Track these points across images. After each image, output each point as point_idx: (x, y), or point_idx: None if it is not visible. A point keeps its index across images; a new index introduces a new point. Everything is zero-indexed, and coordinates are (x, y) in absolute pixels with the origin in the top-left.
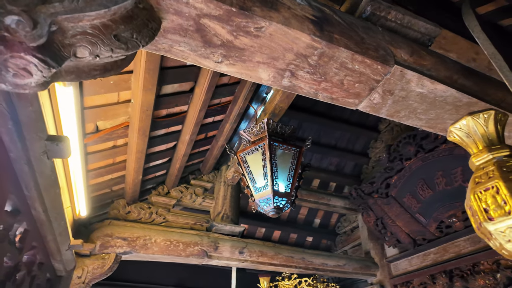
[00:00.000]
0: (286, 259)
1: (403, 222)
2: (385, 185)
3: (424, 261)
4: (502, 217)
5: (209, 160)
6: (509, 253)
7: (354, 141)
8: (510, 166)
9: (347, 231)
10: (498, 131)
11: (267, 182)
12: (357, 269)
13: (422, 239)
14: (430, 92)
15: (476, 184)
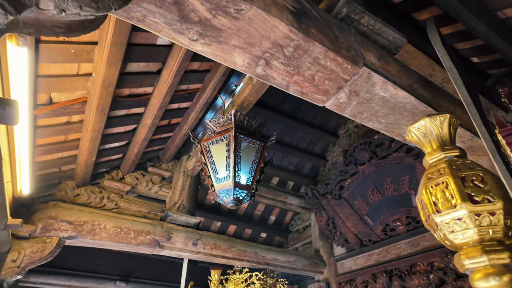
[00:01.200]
0: (239, 252)
1: (352, 223)
2: (339, 187)
3: (368, 261)
4: (449, 210)
5: (170, 148)
6: (451, 243)
7: (314, 143)
8: (459, 164)
9: (299, 229)
10: (451, 133)
11: (229, 173)
12: (306, 266)
13: (368, 240)
14: (392, 97)
15: (428, 180)
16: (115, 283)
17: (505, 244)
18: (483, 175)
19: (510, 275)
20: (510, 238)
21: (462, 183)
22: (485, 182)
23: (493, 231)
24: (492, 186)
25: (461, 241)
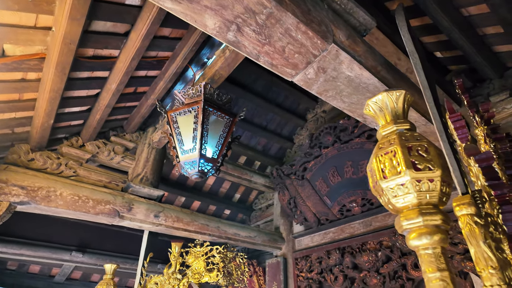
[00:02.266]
0: (202, 226)
1: (312, 203)
2: (302, 169)
3: (323, 238)
4: (394, 176)
5: (135, 118)
6: (393, 206)
7: (283, 125)
8: (408, 136)
9: (262, 208)
10: (405, 109)
11: (195, 146)
12: (266, 242)
13: (325, 219)
14: (356, 77)
15: (379, 149)
16: (71, 253)
17: (439, 208)
18: (427, 146)
19: (440, 234)
20: (443, 203)
21: (408, 152)
22: (428, 152)
23: (430, 196)
24: (434, 156)
25: (402, 204)
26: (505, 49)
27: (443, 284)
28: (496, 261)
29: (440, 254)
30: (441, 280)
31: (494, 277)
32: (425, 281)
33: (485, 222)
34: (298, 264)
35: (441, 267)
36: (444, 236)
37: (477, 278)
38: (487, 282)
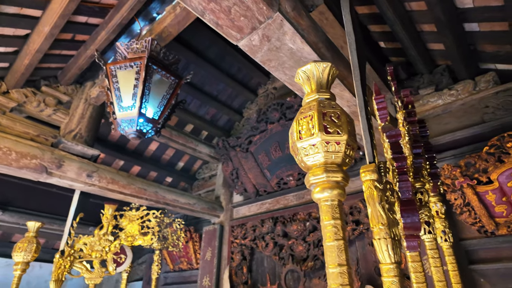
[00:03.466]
0: (139, 190)
1: (253, 175)
2: (248, 142)
3: (260, 208)
4: (308, 137)
5: (72, 69)
6: (305, 164)
7: (233, 97)
8: (325, 104)
9: (205, 177)
10: (329, 80)
11: (135, 103)
12: (205, 209)
13: (264, 191)
14: (298, 51)
15: (300, 114)
16: None
17: (341, 168)
18: (339, 114)
19: (339, 190)
20: (346, 164)
21: (323, 117)
22: (339, 119)
23: (335, 157)
24: (343, 122)
25: (312, 162)
26: (436, 47)
27: (335, 230)
28: (386, 219)
29: (336, 205)
30: (333, 226)
31: (382, 231)
32: (322, 228)
33: (383, 188)
34: (234, 232)
35: (335, 216)
36: (342, 192)
37: None
38: (377, 236)
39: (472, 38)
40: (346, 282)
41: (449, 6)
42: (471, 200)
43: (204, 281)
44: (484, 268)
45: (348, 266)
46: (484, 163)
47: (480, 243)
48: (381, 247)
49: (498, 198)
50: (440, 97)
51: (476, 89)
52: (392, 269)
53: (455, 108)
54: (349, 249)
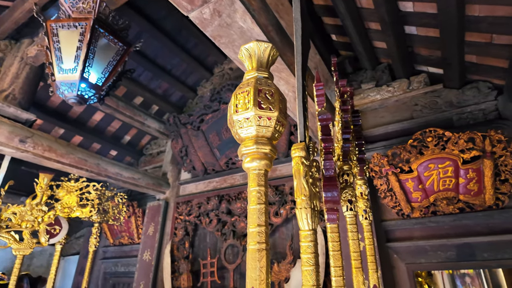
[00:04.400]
0: (79, 161)
1: (202, 154)
2: (199, 120)
3: (207, 186)
4: (243, 111)
5: (6, 23)
6: (239, 136)
7: (188, 74)
8: (262, 81)
9: (153, 153)
10: (268, 60)
11: (77, 66)
12: (150, 185)
13: (212, 170)
14: (248, 30)
15: (239, 89)
16: None
17: (271, 141)
18: (273, 92)
19: (267, 161)
20: (275, 138)
21: (258, 94)
22: (273, 96)
23: (266, 131)
24: (276, 100)
25: (245, 135)
26: (380, 46)
27: (258, 195)
28: (308, 191)
29: (262, 174)
30: (258, 192)
31: (304, 202)
32: (248, 193)
33: (309, 164)
34: (179, 208)
35: (260, 183)
36: (269, 163)
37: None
38: (299, 206)
39: (411, 41)
40: (263, 241)
41: (393, 8)
42: (394, 186)
43: (145, 255)
44: (398, 246)
45: (266, 227)
46: (408, 154)
47: (397, 224)
48: (302, 215)
49: (416, 185)
50: (379, 92)
51: (410, 88)
52: (309, 235)
53: (390, 104)
54: (286, 226)
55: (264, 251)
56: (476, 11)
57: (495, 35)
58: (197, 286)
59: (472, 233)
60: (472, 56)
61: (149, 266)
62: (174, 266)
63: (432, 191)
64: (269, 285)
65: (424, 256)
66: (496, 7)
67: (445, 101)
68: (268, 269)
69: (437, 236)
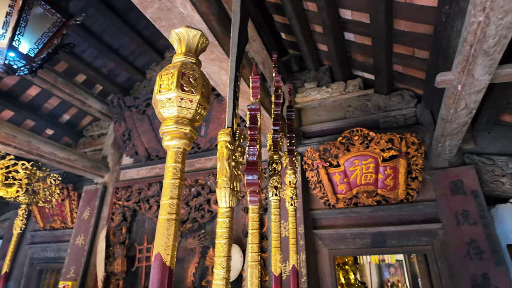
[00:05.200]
0: (6, 136)
1: (146, 139)
2: (146, 104)
3: (149, 172)
4: (166, 92)
5: None
6: (161, 115)
7: (137, 55)
8: (188, 66)
9: (94, 136)
10: (198, 47)
11: (5, 33)
12: (87, 168)
13: (156, 156)
14: (188, 17)
15: (164, 70)
16: None
17: (191, 122)
18: (197, 76)
19: (186, 140)
20: (196, 120)
21: (181, 77)
22: (196, 81)
23: (187, 112)
24: (199, 84)
25: (167, 114)
26: (323, 48)
27: (174, 171)
28: (229, 173)
29: (181, 152)
30: (174, 168)
31: (224, 182)
32: (165, 169)
33: (233, 149)
34: (118, 193)
35: (177, 161)
36: (188, 142)
37: None
38: (219, 185)
39: (349, 46)
40: (174, 212)
41: (334, 14)
42: (323, 178)
43: (78, 240)
44: (323, 233)
45: (178, 200)
46: (337, 150)
47: (324, 213)
48: (221, 194)
49: (341, 178)
50: (319, 92)
51: (346, 90)
52: (226, 212)
53: (328, 104)
54: None
55: (173, 221)
56: (402, 25)
57: (416, 49)
58: (131, 270)
59: (385, 223)
60: (398, 66)
61: (82, 251)
62: (109, 251)
63: (355, 184)
64: (175, 251)
65: (344, 242)
66: (417, 24)
67: (374, 104)
68: (176, 237)
69: (357, 225)
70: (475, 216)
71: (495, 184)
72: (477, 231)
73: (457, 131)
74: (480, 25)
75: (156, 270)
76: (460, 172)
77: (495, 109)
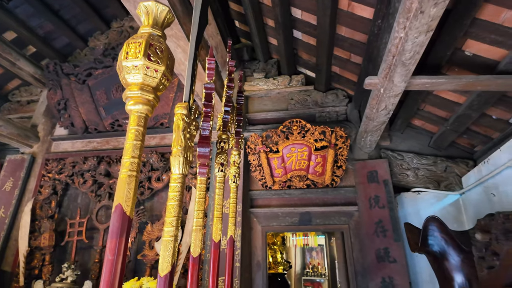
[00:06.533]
0: None
1: (85, 110)
2: (87, 73)
3: (86, 146)
4: (133, 59)
5: None
6: (126, 81)
7: (80, 20)
8: (155, 38)
9: (22, 102)
10: (164, 22)
11: None
12: (14, 135)
13: (94, 129)
14: None
15: (132, 39)
16: None
17: (155, 91)
18: (163, 49)
19: (148, 107)
20: (159, 90)
21: (149, 47)
22: (162, 53)
23: (151, 81)
24: (164, 57)
25: (132, 80)
26: (273, 42)
27: (136, 133)
28: (183, 143)
29: (143, 117)
30: (136, 131)
31: (178, 151)
32: (127, 132)
33: (189, 122)
34: (48, 165)
35: (140, 124)
36: (150, 109)
37: (195, 191)
38: (174, 154)
39: (297, 44)
40: (134, 169)
41: (286, 10)
42: (263, 162)
43: None
44: (258, 211)
45: (139, 159)
46: (277, 137)
47: (261, 194)
48: (175, 162)
49: (279, 163)
50: (266, 83)
51: (290, 84)
52: (179, 178)
53: (273, 95)
54: (166, 191)
55: (133, 177)
56: (343, 31)
57: (353, 54)
58: (60, 245)
59: (312, 204)
60: (336, 68)
61: (2, 224)
62: (34, 225)
63: (290, 169)
64: (134, 204)
65: (276, 220)
66: (355, 32)
67: (313, 100)
68: (135, 192)
69: (288, 205)
70: (384, 201)
71: (401, 175)
72: (384, 213)
73: (377, 128)
74: (401, 40)
75: (116, 219)
76: (376, 164)
77: (408, 113)
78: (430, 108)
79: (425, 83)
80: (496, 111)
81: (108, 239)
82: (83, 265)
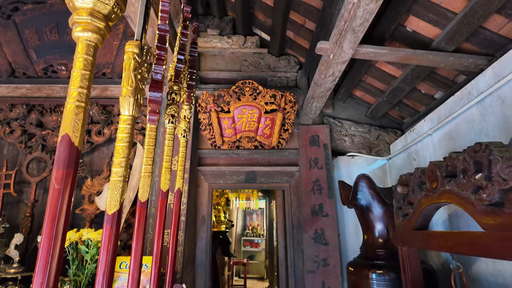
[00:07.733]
0: None
1: (11, 51)
2: (13, 8)
3: (12, 92)
4: None
5: None
6: (74, 5)
7: None
8: None
9: None
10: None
11: None
12: None
13: (23, 73)
14: None
15: None
16: None
17: (106, 20)
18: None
19: (99, 36)
20: (111, 19)
21: None
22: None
23: (103, 7)
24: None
25: (80, 4)
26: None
27: (85, 62)
28: (135, 84)
29: (92, 46)
30: (85, 60)
31: (129, 92)
32: (74, 61)
33: (141, 62)
34: None
35: (89, 53)
36: (101, 39)
37: (141, 147)
38: (124, 94)
39: (253, 3)
40: (83, 100)
41: None
42: (213, 122)
43: None
44: (206, 169)
45: (88, 91)
46: (229, 97)
47: (209, 153)
48: (124, 103)
49: (229, 124)
50: (220, 41)
51: (244, 45)
52: (128, 119)
53: (227, 54)
54: (107, 146)
55: (82, 108)
56: None
57: (307, 20)
58: None
59: (258, 164)
60: (290, 33)
61: None
62: None
63: (240, 130)
64: (82, 136)
65: (223, 178)
66: None
67: (266, 63)
68: (84, 124)
69: (236, 164)
70: (322, 163)
71: (339, 141)
72: (321, 173)
73: (323, 94)
74: (354, 6)
75: (63, 149)
76: (318, 129)
77: (351, 84)
78: (371, 80)
79: (370, 52)
80: (425, 86)
81: (54, 169)
82: (11, 220)
